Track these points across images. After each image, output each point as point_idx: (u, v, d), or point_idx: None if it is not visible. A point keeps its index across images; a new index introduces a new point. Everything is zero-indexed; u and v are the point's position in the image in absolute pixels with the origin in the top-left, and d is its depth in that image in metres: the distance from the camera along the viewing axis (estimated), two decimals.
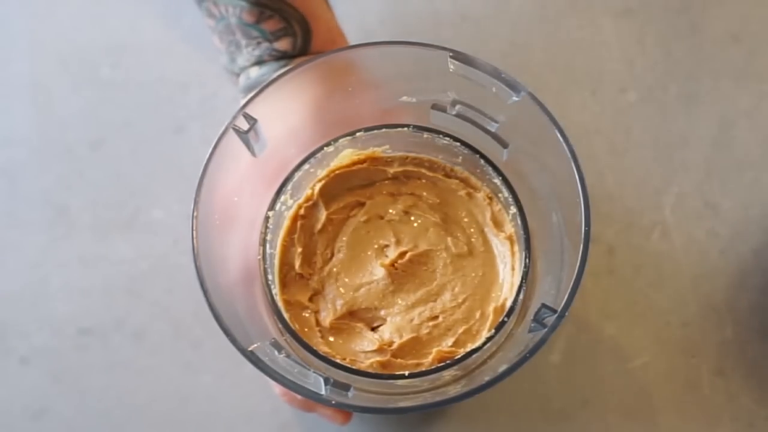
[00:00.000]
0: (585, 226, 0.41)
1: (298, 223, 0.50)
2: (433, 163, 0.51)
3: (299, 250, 0.49)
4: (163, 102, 0.65)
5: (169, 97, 0.65)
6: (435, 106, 0.47)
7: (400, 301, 0.49)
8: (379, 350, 0.47)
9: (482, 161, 0.48)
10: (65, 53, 0.66)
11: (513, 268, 0.49)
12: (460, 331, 0.47)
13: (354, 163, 0.50)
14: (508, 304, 0.46)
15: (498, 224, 0.50)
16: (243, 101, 0.44)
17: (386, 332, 0.48)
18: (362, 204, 0.51)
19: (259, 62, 0.52)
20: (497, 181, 0.48)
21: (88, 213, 0.62)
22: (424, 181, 0.51)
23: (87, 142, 0.64)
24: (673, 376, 0.57)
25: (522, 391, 0.57)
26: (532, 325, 0.41)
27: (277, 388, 0.49)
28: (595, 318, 0.58)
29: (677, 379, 0.57)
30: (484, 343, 0.45)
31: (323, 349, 0.46)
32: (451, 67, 0.43)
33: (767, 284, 0.59)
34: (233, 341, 0.39)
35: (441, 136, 0.48)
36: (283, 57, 0.51)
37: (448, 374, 0.45)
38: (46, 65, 0.66)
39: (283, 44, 0.51)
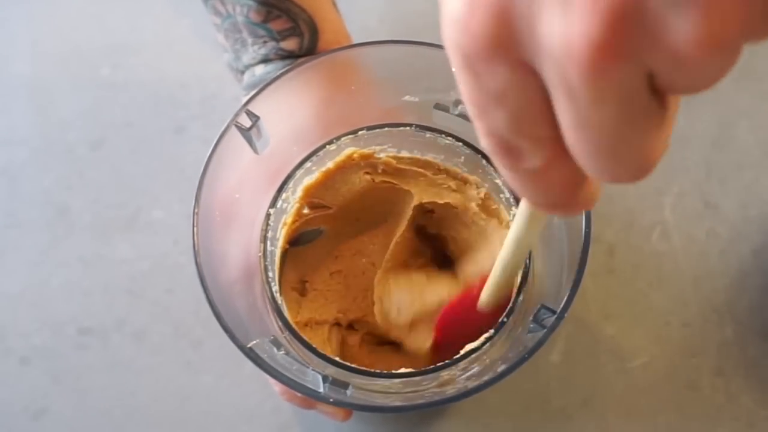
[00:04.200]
0: (585, 228, 0.41)
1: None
2: (428, 163, 0.51)
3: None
4: (163, 102, 0.65)
5: (169, 97, 0.65)
6: (438, 106, 0.47)
7: None
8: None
9: (484, 161, 0.48)
10: (65, 53, 0.66)
11: None
12: None
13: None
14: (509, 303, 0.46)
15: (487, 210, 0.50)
16: (245, 99, 0.44)
17: None
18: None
19: (265, 61, 0.52)
20: (499, 181, 0.48)
21: (88, 213, 0.62)
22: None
23: (87, 142, 0.64)
24: (673, 376, 0.57)
25: (522, 391, 0.57)
26: (532, 325, 0.41)
27: (277, 386, 0.49)
28: (595, 318, 0.58)
29: (677, 379, 0.57)
30: (484, 343, 0.45)
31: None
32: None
33: (767, 285, 0.59)
34: (232, 338, 0.39)
35: (443, 135, 0.48)
36: (289, 57, 0.51)
37: (447, 374, 0.45)
38: (46, 65, 0.66)
39: (289, 44, 0.51)
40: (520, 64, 0.21)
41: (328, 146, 0.48)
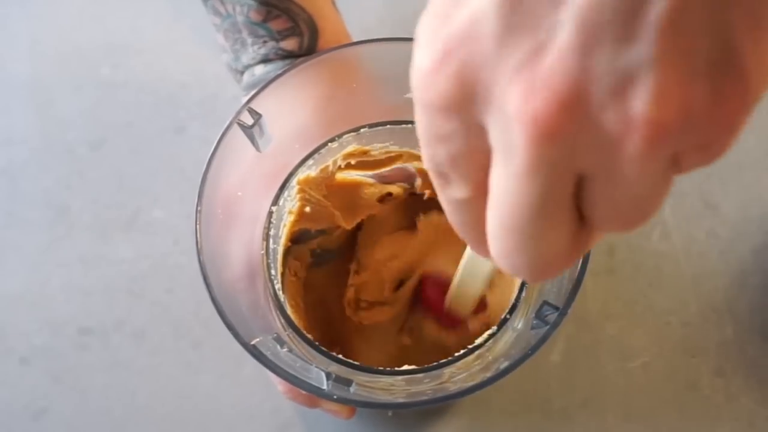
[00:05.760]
0: None
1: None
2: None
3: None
4: (163, 102, 0.65)
5: (169, 97, 0.65)
6: None
7: None
8: None
9: None
10: (65, 53, 0.66)
11: None
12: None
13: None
14: (511, 301, 0.46)
15: None
16: (247, 96, 0.44)
17: None
18: None
19: (265, 61, 0.52)
20: None
21: (88, 213, 0.62)
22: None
23: (87, 142, 0.64)
24: (673, 376, 0.57)
25: (522, 391, 0.57)
26: (535, 322, 0.41)
27: (280, 385, 0.49)
28: (595, 318, 0.58)
29: (677, 379, 0.57)
30: (486, 340, 0.45)
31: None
32: None
33: (767, 284, 0.59)
34: (236, 335, 0.39)
35: None
36: (289, 56, 0.51)
37: (449, 371, 0.45)
38: (46, 65, 0.66)
39: (289, 44, 0.51)
40: (473, 123, 0.23)
41: (330, 144, 0.48)
